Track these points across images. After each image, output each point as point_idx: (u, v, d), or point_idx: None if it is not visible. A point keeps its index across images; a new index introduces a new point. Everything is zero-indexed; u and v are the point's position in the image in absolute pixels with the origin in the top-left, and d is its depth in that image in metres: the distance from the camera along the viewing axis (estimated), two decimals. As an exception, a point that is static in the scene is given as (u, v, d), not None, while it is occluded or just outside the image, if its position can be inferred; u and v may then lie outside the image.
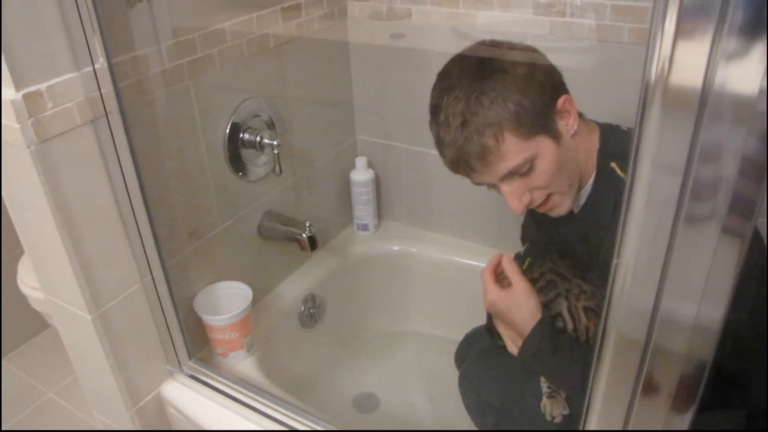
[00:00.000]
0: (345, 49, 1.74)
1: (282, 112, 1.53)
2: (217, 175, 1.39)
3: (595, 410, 0.64)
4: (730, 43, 0.42)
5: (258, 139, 1.42)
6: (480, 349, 1.35)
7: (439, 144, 1.03)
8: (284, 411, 1.26)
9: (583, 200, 1.09)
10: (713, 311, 0.55)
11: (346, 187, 1.84)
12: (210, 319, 1.34)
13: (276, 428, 1.24)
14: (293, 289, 1.68)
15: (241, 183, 1.46)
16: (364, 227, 1.86)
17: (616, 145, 1.04)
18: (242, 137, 1.41)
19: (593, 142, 1.06)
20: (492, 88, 0.96)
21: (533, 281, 1.11)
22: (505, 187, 1.02)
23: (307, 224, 1.53)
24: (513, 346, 1.10)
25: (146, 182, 1.17)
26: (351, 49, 1.75)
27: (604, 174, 1.04)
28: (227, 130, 1.37)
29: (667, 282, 0.54)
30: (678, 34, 0.43)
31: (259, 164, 1.48)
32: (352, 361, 1.83)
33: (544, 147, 0.98)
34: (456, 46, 1.60)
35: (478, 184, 1.05)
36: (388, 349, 1.87)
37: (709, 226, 0.49)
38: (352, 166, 1.81)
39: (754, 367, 0.98)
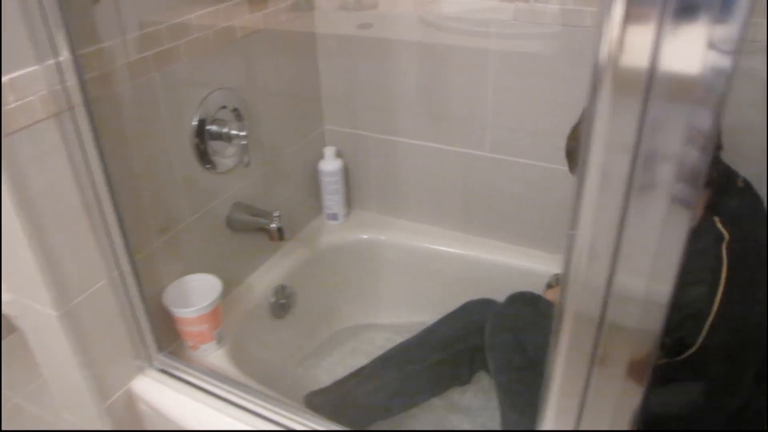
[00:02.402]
0: (312, 40, 1.74)
1: (249, 104, 1.52)
2: (185, 168, 1.38)
3: (554, 383, 0.66)
4: (673, 24, 0.44)
5: (225, 130, 1.41)
6: (517, 294, 1.43)
7: None
8: (255, 401, 1.26)
9: None
10: (662, 285, 0.56)
11: (314, 177, 1.84)
12: (179, 312, 1.34)
13: (247, 418, 1.24)
14: (264, 279, 1.68)
15: (209, 175, 1.45)
16: (334, 217, 1.87)
17: (724, 207, 1.09)
18: (209, 129, 1.40)
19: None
20: None
21: None
22: None
23: (275, 214, 1.53)
24: None
25: (113, 176, 1.15)
26: (318, 40, 1.74)
27: (704, 226, 1.08)
28: (194, 122, 1.36)
29: (619, 257, 0.56)
30: (626, 18, 0.45)
31: (227, 156, 1.47)
32: (324, 349, 1.84)
33: None
34: (423, 35, 1.62)
35: None
36: (359, 336, 1.88)
37: (658, 200, 0.51)
38: (321, 156, 1.81)
39: (713, 341, 1.02)
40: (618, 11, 0.44)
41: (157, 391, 1.33)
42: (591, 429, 0.68)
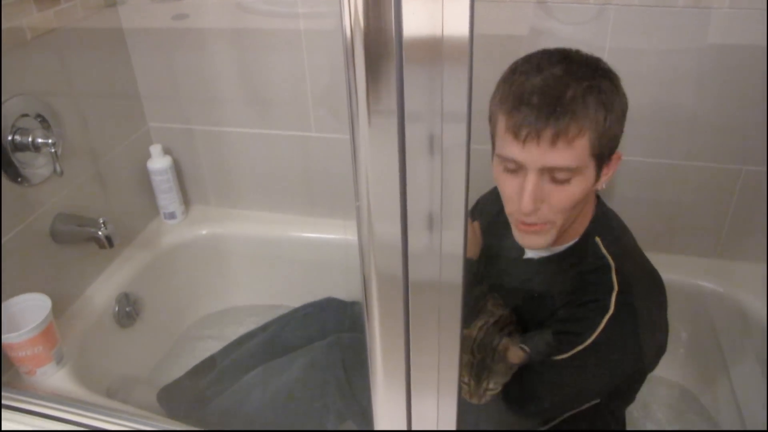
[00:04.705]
0: (120, 36, 1.66)
1: (57, 109, 1.43)
2: (-10, 184, 1.29)
3: (376, 349, 0.69)
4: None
5: (30, 139, 1.33)
6: None
7: (518, 87, 0.92)
8: (101, 417, 1.20)
9: (546, 254, 1.08)
10: (454, 235, 0.60)
11: (146, 178, 1.77)
12: (5, 338, 1.25)
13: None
14: (104, 290, 1.61)
15: (22, 189, 1.36)
16: (171, 215, 1.81)
17: (607, 224, 1.06)
18: (12, 140, 1.31)
19: (590, 210, 1.06)
20: (607, 91, 0.91)
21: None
22: (533, 179, 0.93)
23: (101, 221, 1.47)
24: None
25: None
26: (127, 36, 1.67)
27: (584, 243, 1.04)
28: (-8, 135, 1.27)
29: (408, 215, 0.59)
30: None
31: (38, 166, 1.39)
32: (179, 351, 1.79)
33: (588, 174, 0.94)
34: (239, 21, 1.60)
35: (511, 160, 0.94)
36: (216, 332, 1.85)
37: (432, 155, 0.54)
38: (149, 155, 1.74)
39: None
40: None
41: (-7, 427, 1.24)
42: (422, 385, 0.71)
